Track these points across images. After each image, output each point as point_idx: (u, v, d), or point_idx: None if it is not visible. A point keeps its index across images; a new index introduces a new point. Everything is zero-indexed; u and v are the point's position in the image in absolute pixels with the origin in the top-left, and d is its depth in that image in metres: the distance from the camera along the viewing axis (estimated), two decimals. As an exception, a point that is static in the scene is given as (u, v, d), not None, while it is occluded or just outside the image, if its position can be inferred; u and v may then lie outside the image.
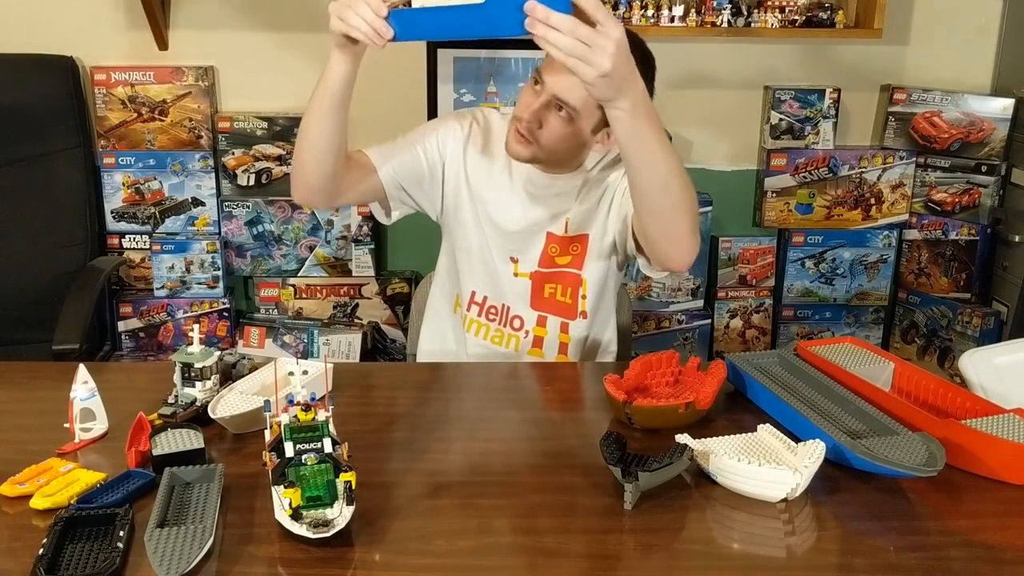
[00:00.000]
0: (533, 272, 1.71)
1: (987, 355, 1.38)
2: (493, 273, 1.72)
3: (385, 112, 2.66)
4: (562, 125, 1.53)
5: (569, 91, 1.50)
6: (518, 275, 1.72)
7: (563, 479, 1.19)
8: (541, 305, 1.73)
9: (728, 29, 2.48)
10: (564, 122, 1.53)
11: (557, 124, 1.53)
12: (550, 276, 1.71)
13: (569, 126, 1.54)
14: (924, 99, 2.64)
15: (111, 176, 2.62)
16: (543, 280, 1.72)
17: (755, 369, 1.42)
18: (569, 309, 1.72)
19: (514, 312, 1.73)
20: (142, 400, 1.29)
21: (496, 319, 1.74)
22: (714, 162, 2.75)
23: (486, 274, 1.72)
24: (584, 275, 1.70)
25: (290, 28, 2.61)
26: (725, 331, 2.78)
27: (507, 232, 1.69)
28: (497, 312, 1.74)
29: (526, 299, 1.72)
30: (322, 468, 1.04)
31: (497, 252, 1.70)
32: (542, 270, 1.71)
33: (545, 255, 1.70)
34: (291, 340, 2.66)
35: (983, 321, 2.60)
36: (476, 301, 1.74)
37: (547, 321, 1.74)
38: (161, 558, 0.95)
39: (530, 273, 1.71)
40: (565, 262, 1.71)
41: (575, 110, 1.51)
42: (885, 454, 1.13)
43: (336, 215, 2.65)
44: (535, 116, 1.53)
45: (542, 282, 1.72)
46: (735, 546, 1.06)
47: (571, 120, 1.53)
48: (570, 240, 1.69)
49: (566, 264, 1.71)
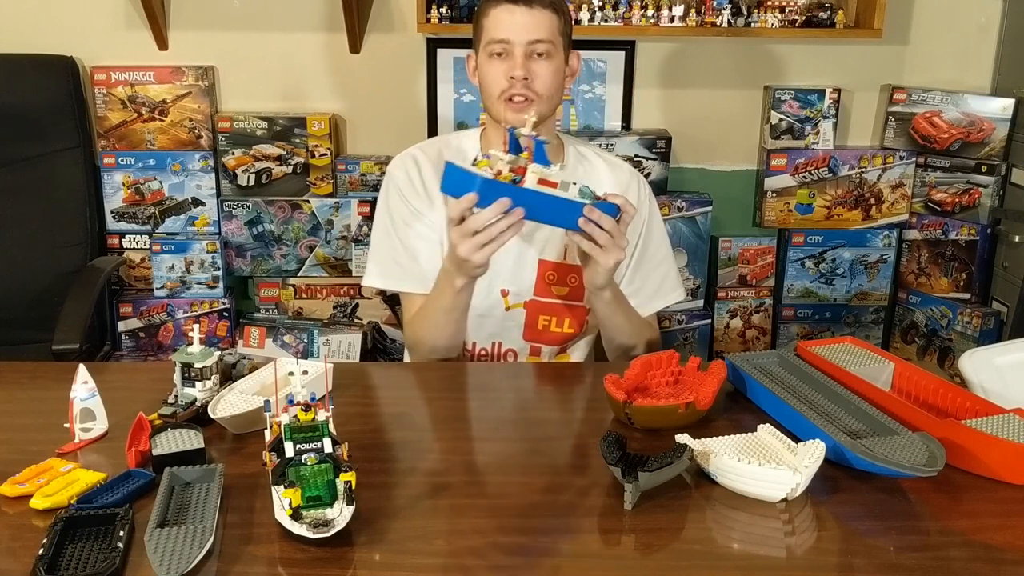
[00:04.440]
0: (528, 301, 1.68)
1: (987, 355, 1.38)
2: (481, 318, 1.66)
3: (385, 112, 2.66)
4: (547, 65, 1.58)
5: (536, 28, 1.55)
6: (510, 308, 1.68)
7: (563, 479, 1.19)
8: (535, 336, 1.70)
9: (728, 29, 2.48)
10: (547, 61, 1.58)
11: (544, 67, 1.57)
12: (546, 307, 1.67)
13: (552, 62, 1.58)
14: (924, 99, 2.64)
15: (111, 176, 2.62)
16: (537, 311, 1.68)
17: (755, 369, 1.42)
18: (567, 337, 1.71)
19: (506, 346, 1.70)
20: (142, 400, 1.29)
21: (487, 358, 1.72)
22: (714, 162, 2.75)
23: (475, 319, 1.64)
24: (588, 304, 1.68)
25: (290, 28, 2.61)
26: (725, 331, 2.78)
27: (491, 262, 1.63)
28: (488, 353, 1.71)
29: (519, 330, 1.69)
30: (322, 468, 1.04)
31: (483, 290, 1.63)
32: (538, 299, 1.67)
33: (540, 283, 1.67)
34: (291, 340, 2.66)
35: (983, 321, 2.60)
36: (466, 348, 1.70)
37: (541, 351, 1.72)
38: (161, 558, 0.95)
39: (524, 303, 1.68)
40: (563, 293, 1.68)
41: (550, 42, 1.57)
42: (885, 454, 1.13)
43: (336, 215, 2.65)
44: (524, 70, 1.55)
45: (536, 313, 1.68)
46: (735, 546, 1.06)
47: (550, 56, 1.58)
48: (568, 269, 1.66)
49: (564, 296, 1.68)
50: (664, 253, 1.75)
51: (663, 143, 2.61)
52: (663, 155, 2.62)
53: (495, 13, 1.57)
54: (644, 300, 1.72)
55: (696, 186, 2.74)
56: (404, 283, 1.66)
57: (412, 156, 1.70)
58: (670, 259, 1.77)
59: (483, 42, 1.59)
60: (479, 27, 1.61)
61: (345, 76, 2.64)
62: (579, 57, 1.68)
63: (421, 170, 1.67)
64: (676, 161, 2.70)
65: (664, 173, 2.64)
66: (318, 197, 2.64)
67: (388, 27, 2.61)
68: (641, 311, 1.69)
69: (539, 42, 1.55)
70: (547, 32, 1.56)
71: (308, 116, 2.60)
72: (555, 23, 1.58)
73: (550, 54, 1.57)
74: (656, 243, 1.74)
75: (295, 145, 2.61)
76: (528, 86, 1.56)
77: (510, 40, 1.55)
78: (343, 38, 2.58)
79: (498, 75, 1.57)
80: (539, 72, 1.57)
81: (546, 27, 1.56)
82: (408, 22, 2.57)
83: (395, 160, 1.71)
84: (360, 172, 2.62)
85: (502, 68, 1.57)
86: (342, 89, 2.65)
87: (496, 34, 1.56)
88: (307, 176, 2.63)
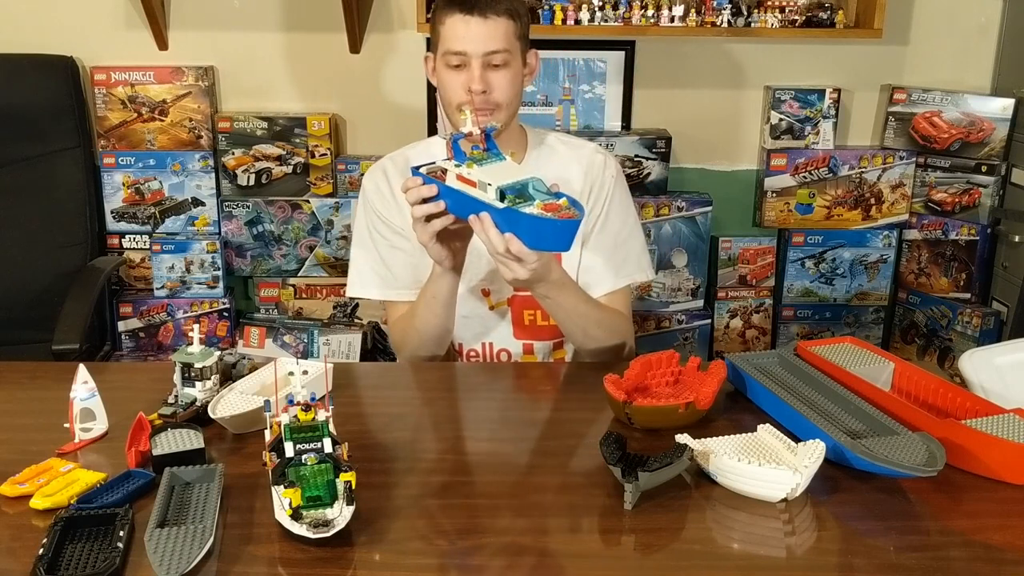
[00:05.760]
0: (511, 298, 1.66)
1: (987, 355, 1.38)
2: (466, 319, 1.66)
3: (385, 112, 2.66)
4: (505, 74, 1.55)
5: (492, 39, 1.53)
6: (494, 307, 1.68)
7: (563, 479, 1.19)
8: (525, 333, 1.69)
9: (728, 29, 2.48)
10: (505, 69, 1.55)
11: (502, 77, 1.55)
12: (528, 301, 1.64)
13: (509, 70, 1.56)
14: (924, 99, 2.64)
15: (111, 176, 2.62)
16: (521, 306, 1.67)
17: (755, 369, 1.42)
18: (557, 330, 1.67)
19: (499, 347, 1.70)
20: (142, 400, 1.30)
21: (478, 360, 1.71)
22: (714, 162, 2.75)
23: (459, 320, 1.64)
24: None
25: (290, 28, 2.61)
26: (725, 331, 2.78)
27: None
28: (479, 354, 1.71)
29: (508, 330, 1.68)
30: (322, 468, 1.04)
31: (464, 291, 1.63)
32: (520, 294, 1.65)
33: None
34: (291, 340, 2.66)
35: (983, 321, 2.60)
36: (455, 349, 1.70)
37: (534, 348, 1.70)
38: (161, 558, 0.95)
39: (507, 300, 1.67)
40: None
41: (507, 51, 1.54)
42: (885, 454, 1.13)
43: (336, 215, 2.65)
44: (482, 83, 1.53)
45: (521, 308, 1.67)
46: (735, 546, 1.06)
47: (508, 64, 1.55)
48: None
49: None
50: (629, 232, 1.69)
51: (663, 143, 2.61)
52: (663, 155, 2.62)
53: (450, 22, 1.53)
54: (603, 278, 1.66)
55: (696, 186, 2.74)
56: (384, 291, 1.68)
57: (382, 167, 1.70)
58: (637, 239, 1.70)
59: (440, 50, 1.56)
60: (435, 32, 1.58)
61: (345, 76, 2.64)
62: (537, 55, 1.64)
63: (390, 180, 1.67)
64: (676, 161, 2.70)
65: (664, 173, 2.64)
66: (318, 197, 2.64)
67: (388, 27, 2.61)
68: (598, 289, 1.65)
69: (495, 53, 1.53)
70: (503, 41, 1.53)
71: (308, 116, 2.60)
72: (511, 29, 1.54)
73: (507, 63, 1.54)
74: (619, 220, 1.68)
75: (295, 145, 2.61)
76: (487, 98, 1.54)
77: (466, 52, 1.52)
78: (343, 38, 2.58)
79: (456, 87, 1.55)
80: (497, 83, 1.54)
81: (502, 36, 1.53)
82: (408, 22, 2.57)
83: (367, 172, 1.72)
84: (360, 172, 2.61)
85: (459, 80, 1.54)
86: (342, 89, 2.65)
87: (452, 45, 1.53)
88: (307, 176, 2.63)
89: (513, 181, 1.33)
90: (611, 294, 1.67)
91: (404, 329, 1.64)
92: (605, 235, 1.67)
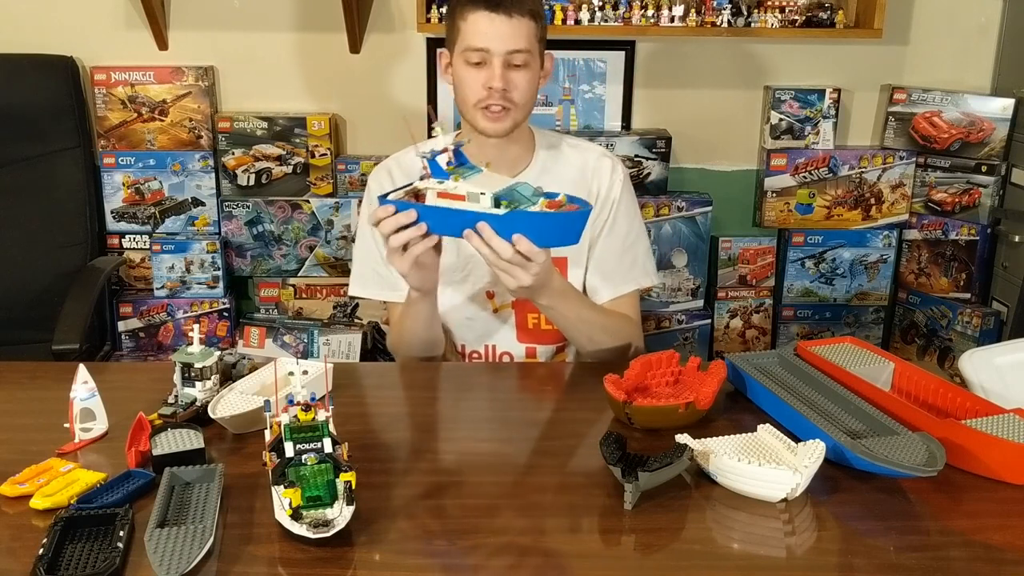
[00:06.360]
0: (516, 301, 1.66)
1: (987, 355, 1.38)
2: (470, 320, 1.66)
3: (385, 112, 2.66)
4: (525, 74, 1.55)
5: (515, 38, 1.52)
6: (498, 310, 1.68)
7: (563, 479, 1.19)
8: (528, 337, 1.69)
9: (728, 29, 2.48)
10: (525, 70, 1.55)
11: (522, 77, 1.55)
12: (531, 304, 1.60)
13: (529, 71, 1.56)
14: (924, 99, 2.64)
15: (111, 176, 2.62)
16: (525, 309, 1.67)
17: (755, 369, 1.42)
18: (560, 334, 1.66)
19: (501, 350, 1.69)
20: (142, 400, 1.30)
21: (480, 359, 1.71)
22: (714, 162, 2.75)
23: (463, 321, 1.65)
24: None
25: (290, 28, 2.61)
26: (725, 331, 2.78)
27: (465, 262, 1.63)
28: (481, 356, 1.70)
29: (512, 333, 1.68)
30: (322, 468, 1.04)
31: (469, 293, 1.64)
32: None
33: None
34: (291, 340, 2.66)
35: (983, 321, 2.60)
36: (457, 350, 1.70)
37: (537, 351, 1.70)
38: (161, 558, 0.95)
39: (511, 303, 1.67)
40: None
41: (528, 51, 1.54)
42: (885, 454, 1.13)
43: (336, 215, 2.65)
44: (503, 81, 1.52)
45: (525, 311, 1.67)
46: (735, 546, 1.06)
47: (528, 65, 1.55)
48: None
49: None
50: (635, 236, 1.70)
51: (663, 143, 2.61)
52: (663, 155, 2.62)
53: (473, 19, 1.52)
54: (610, 283, 1.67)
55: (696, 186, 2.74)
56: (384, 292, 1.68)
57: (386, 167, 1.70)
58: (643, 243, 1.71)
59: (459, 47, 1.55)
60: (455, 28, 1.56)
61: (345, 76, 2.64)
62: (552, 58, 1.65)
63: (395, 180, 1.66)
64: (676, 161, 2.70)
65: (664, 173, 2.64)
66: (318, 197, 2.64)
67: (388, 27, 2.61)
68: (606, 295, 1.66)
69: (518, 52, 1.52)
70: (526, 41, 1.53)
71: (308, 116, 2.60)
72: (533, 30, 1.54)
73: (528, 63, 1.54)
74: (626, 225, 1.68)
75: (295, 145, 2.61)
76: (505, 96, 1.53)
77: (489, 49, 1.51)
78: (343, 38, 2.58)
79: (475, 84, 1.54)
80: (517, 82, 1.54)
81: (524, 36, 1.53)
82: (408, 22, 2.57)
83: (372, 172, 1.72)
84: (360, 172, 2.62)
85: (479, 77, 1.53)
86: (342, 89, 2.65)
87: (474, 42, 1.52)
88: (307, 176, 2.63)
89: (502, 188, 1.32)
90: (619, 299, 1.68)
91: (399, 333, 1.65)
92: (613, 239, 1.68)
